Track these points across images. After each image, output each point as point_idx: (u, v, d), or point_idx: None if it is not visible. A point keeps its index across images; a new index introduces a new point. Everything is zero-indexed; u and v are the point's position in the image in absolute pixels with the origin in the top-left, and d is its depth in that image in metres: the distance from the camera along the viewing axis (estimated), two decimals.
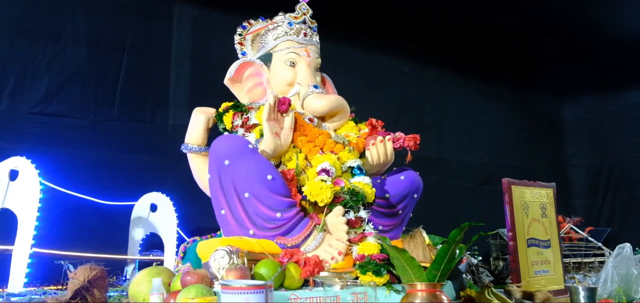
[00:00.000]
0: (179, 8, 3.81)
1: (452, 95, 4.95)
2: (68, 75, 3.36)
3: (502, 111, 5.28)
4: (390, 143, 2.16)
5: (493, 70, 5.08)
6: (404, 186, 2.17)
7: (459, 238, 1.69)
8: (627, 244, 2.52)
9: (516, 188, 2.46)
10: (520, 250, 2.38)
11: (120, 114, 3.50)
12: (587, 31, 4.66)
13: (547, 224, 2.56)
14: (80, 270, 1.87)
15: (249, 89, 2.31)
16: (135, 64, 3.56)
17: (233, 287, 1.41)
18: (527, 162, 5.38)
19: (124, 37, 3.56)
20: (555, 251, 2.56)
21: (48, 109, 3.29)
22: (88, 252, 3.04)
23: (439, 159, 4.85)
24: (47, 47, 3.31)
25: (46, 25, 3.32)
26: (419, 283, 1.72)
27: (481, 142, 5.10)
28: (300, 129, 2.13)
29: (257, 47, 2.37)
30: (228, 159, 1.85)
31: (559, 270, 2.55)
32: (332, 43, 4.34)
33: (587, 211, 5.53)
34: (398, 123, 4.63)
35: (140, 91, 3.59)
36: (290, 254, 1.80)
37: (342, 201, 1.94)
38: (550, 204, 2.61)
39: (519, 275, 2.35)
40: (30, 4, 3.29)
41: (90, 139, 3.40)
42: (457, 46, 4.78)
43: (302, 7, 2.33)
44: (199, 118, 2.26)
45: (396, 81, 4.67)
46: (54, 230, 3.07)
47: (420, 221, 4.49)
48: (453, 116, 4.95)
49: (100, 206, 3.28)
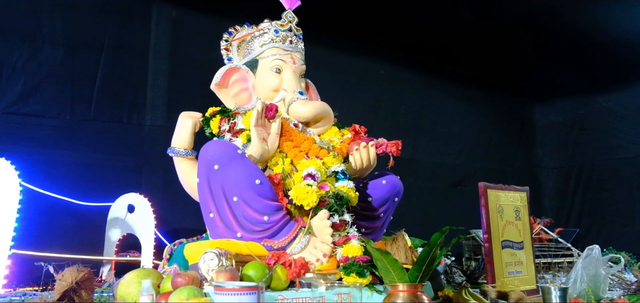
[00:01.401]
0: (157, 8, 3.79)
1: (427, 98, 5.05)
2: (44, 75, 3.31)
3: (475, 114, 5.40)
4: (373, 148, 2.22)
5: (467, 73, 5.20)
6: (386, 190, 2.24)
7: (441, 240, 1.76)
8: (595, 246, 2.64)
9: (492, 192, 2.54)
10: (495, 252, 2.46)
11: (97, 114, 3.46)
12: (560, 36, 4.78)
13: (521, 226, 2.65)
14: (67, 272, 1.87)
15: (235, 95, 2.34)
16: (112, 64, 3.53)
17: (226, 288, 1.44)
18: (499, 164, 5.52)
19: (101, 37, 3.52)
20: (528, 252, 2.66)
21: (24, 108, 3.24)
22: (64, 253, 3.03)
23: (413, 160, 4.94)
24: (24, 47, 3.26)
25: (23, 25, 3.27)
26: (401, 284, 1.78)
27: (454, 144, 5.21)
28: (286, 134, 2.17)
29: (243, 53, 2.40)
30: (217, 164, 1.88)
31: (532, 271, 2.65)
32: (308, 45, 4.42)
33: (557, 212, 5.71)
34: (374, 125, 4.73)
35: (117, 91, 3.56)
36: (277, 256, 1.84)
37: (327, 205, 1.99)
38: (524, 207, 2.70)
39: (493, 276, 2.43)
40: (6, 3, 3.24)
41: (66, 140, 3.36)
42: (432, 50, 4.88)
43: (289, 15, 2.38)
44: (186, 122, 2.28)
45: (372, 84, 4.74)
46: (30, 230, 3.04)
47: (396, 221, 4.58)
48: (428, 119, 5.04)
49: (77, 206, 3.25)
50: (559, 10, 4.38)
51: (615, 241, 4.88)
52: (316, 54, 4.41)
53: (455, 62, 5.07)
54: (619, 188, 5.24)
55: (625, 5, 4.34)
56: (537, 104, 5.94)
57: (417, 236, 3.89)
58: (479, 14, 4.47)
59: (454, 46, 4.89)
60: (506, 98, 5.62)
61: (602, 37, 4.65)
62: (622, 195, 5.22)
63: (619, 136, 5.27)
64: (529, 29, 4.73)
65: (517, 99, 5.76)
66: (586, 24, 4.56)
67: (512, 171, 5.57)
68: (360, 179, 2.31)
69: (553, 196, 5.85)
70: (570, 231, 4.99)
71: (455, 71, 5.14)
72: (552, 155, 5.90)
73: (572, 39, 4.78)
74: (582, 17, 4.46)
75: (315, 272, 1.88)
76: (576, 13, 4.39)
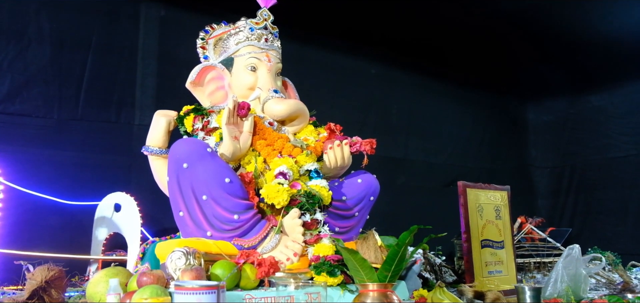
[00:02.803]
0: (145, 8, 3.80)
1: (419, 97, 5.04)
2: (31, 74, 3.32)
3: (467, 113, 5.40)
4: (347, 147, 2.22)
5: (459, 73, 5.20)
6: (361, 189, 2.23)
7: (409, 240, 1.76)
8: (576, 245, 2.63)
9: (471, 191, 2.54)
10: (474, 251, 2.46)
11: (85, 113, 3.47)
12: (553, 35, 4.77)
13: (501, 226, 2.65)
14: (38, 271, 1.89)
15: (210, 93, 2.35)
16: (100, 63, 3.54)
17: (185, 288, 1.45)
18: (492, 163, 5.51)
19: (89, 36, 3.53)
20: (509, 251, 2.66)
21: (10, 108, 3.25)
22: (51, 252, 3.05)
23: (405, 160, 4.94)
24: (10, 46, 3.27)
25: (9, 24, 3.28)
26: (371, 283, 1.78)
27: (446, 144, 5.21)
28: (260, 133, 2.17)
29: (219, 51, 2.41)
30: (186, 163, 1.88)
31: (512, 270, 2.64)
32: (299, 45, 4.42)
33: (549, 211, 5.70)
34: (365, 125, 4.74)
35: (105, 90, 3.57)
36: (246, 255, 1.84)
37: (298, 204, 1.99)
38: (505, 206, 2.70)
39: (472, 275, 2.43)
40: None
41: (53, 139, 3.37)
42: (424, 49, 4.87)
43: (264, 13, 2.38)
44: (160, 120, 2.29)
45: (364, 83, 4.74)
46: (16, 230, 3.07)
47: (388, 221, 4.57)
48: (419, 118, 5.04)
49: (64, 206, 3.27)
50: (550, 9, 4.36)
51: (608, 240, 4.88)
52: (306, 53, 4.45)
53: (447, 62, 5.06)
54: (612, 187, 5.23)
55: (617, 4, 4.32)
56: (529, 103, 5.93)
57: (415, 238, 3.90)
58: (470, 12, 4.47)
59: (446, 45, 4.88)
60: (498, 98, 5.62)
61: (594, 35, 4.63)
62: (615, 194, 5.20)
63: (611, 135, 5.25)
64: (521, 28, 4.72)
65: (508, 98, 5.75)
66: (578, 23, 4.55)
67: (505, 170, 5.56)
68: (336, 178, 2.31)
69: (546, 195, 5.84)
70: (563, 231, 4.98)
71: (447, 70, 5.13)
72: (545, 155, 5.89)
73: (563, 37, 4.77)
74: (574, 15, 4.44)
75: (286, 271, 1.88)
76: (567, 11, 4.38)
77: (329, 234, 1.99)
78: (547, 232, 4.67)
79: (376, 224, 4.16)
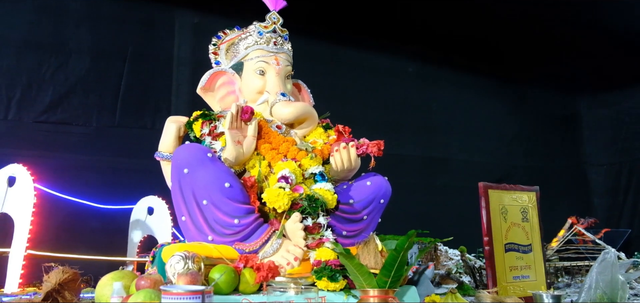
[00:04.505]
0: (179, 16, 3.91)
1: (459, 95, 4.91)
2: (72, 84, 3.51)
3: (512, 110, 5.20)
4: (353, 149, 2.17)
5: (502, 67, 5.01)
6: (369, 192, 2.18)
7: (408, 245, 1.70)
8: (611, 249, 2.46)
9: (493, 192, 2.43)
10: (496, 255, 2.35)
11: (122, 121, 3.62)
12: (607, 23, 4.51)
13: (529, 228, 2.52)
14: (53, 273, 1.98)
15: (221, 98, 2.37)
16: (136, 71, 3.69)
17: (171, 293, 1.47)
18: (541, 162, 5.26)
19: (125, 46, 3.68)
20: (538, 255, 2.52)
21: (52, 117, 3.45)
22: (91, 254, 3.20)
23: (446, 159, 4.82)
24: (52, 58, 3.47)
25: (51, 38, 3.48)
26: (372, 289, 1.74)
27: (490, 142, 5.03)
28: (265, 136, 2.17)
29: (230, 56, 2.43)
30: (187, 168, 1.91)
31: (541, 275, 2.51)
32: (332, 46, 4.40)
33: (606, 211, 5.38)
34: (402, 125, 4.65)
35: (141, 98, 3.71)
36: (245, 259, 1.84)
37: (300, 208, 1.97)
38: (533, 207, 2.56)
39: (494, 280, 2.33)
40: (37, 17, 3.46)
41: (93, 146, 3.54)
42: (464, 44, 4.73)
43: (273, 17, 2.38)
44: (170, 126, 2.34)
45: (400, 82, 4.66)
46: (57, 233, 3.24)
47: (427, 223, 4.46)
48: (460, 116, 4.89)
49: (103, 209, 3.42)
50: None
51: None
52: (339, 53, 4.43)
53: (490, 57, 4.89)
54: None
55: None
56: (582, 97, 5.62)
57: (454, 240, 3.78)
58: (516, 5, 4.29)
59: (488, 39, 4.71)
60: (546, 92, 5.36)
61: None
62: None
63: None
64: (571, 17, 4.48)
65: (558, 92, 5.47)
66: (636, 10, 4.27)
67: (556, 169, 5.31)
68: (345, 180, 2.27)
69: (602, 194, 5.51)
70: (621, 232, 4.67)
71: (489, 65, 4.96)
72: (601, 151, 5.57)
73: (619, 24, 4.48)
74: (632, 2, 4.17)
75: (286, 275, 1.87)
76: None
77: (332, 238, 1.96)
78: (600, 234, 4.40)
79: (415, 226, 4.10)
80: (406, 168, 4.63)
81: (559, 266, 3.88)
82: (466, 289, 2.59)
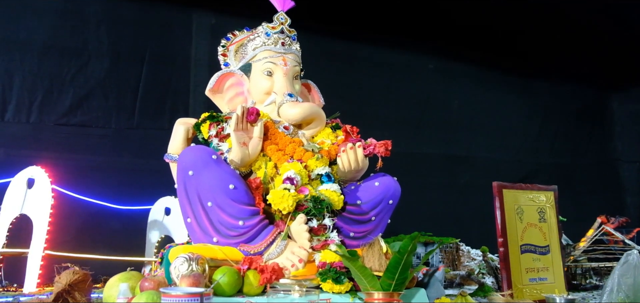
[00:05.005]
0: (197, 17, 3.93)
1: (482, 91, 4.80)
2: (91, 87, 3.56)
3: (537, 106, 5.06)
4: (360, 149, 2.14)
5: (526, 62, 4.88)
6: (377, 193, 2.14)
7: (411, 247, 1.66)
8: (634, 251, 2.36)
9: (508, 192, 2.36)
10: (511, 257, 2.28)
11: (140, 122, 3.66)
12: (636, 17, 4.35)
13: (546, 229, 2.44)
14: (63, 274, 2.00)
15: (229, 99, 2.37)
16: (154, 73, 3.72)
17: (169, 295, 1.47)
18: (568, 159, 5.11)
19: (143, 47, 3.72)
20: (556, 257, 2.44)
21: (73, 120, 3.51)
22: (111, 254, 3.25)
23: (468, 157, 4.73)
24: (72, 61, 3.52)
25: (71, 41, 3.54)
26: (376, 292, 1.71)
27: (514, 139, 4.91)
28: (272, 137, 2.16)
29: (239, 57, 2.43)
30: (192, 170, 1.91)
31: (560, 277, 2.42)
32: (349, 44, 4.36)
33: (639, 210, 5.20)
34: (422, 122, 4.58)
35: (159, 99, 3.75)
36: (249, 261, 1.83)
37: (305, 209, 1.95)
38: (551, 208, 2.48)
39: (509, 282, 2.26)
40: (58, 22, 3.52)
41: (112, 147, 3.59)
42: (486, 39, 4.62)
43: (280, 17, 2.36)
44: (179, 128, 2.36)
45: (420, 79, 4.59)
46: (77, 235, 3.30)
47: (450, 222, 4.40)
48: (483, 113, 4.79)
49: (123, 210, 3.47)
50: None
51: None
52: (357, 51, 4.39)
53: (513, 51, 4.76)
54: None
55: None
56: (613, 92, 5.43)
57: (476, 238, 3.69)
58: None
59: (513, 33, 4.60)
60: (574, 87, 5.19)
61: None
62: None
63: None
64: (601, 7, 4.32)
65: (586, 87, 5.30)
66: None
67: (585, 166, 5.15)
68: (354, 181, 2.24)
69: (635, 192, 5.31)
70: None
71: (513, 60, 4.84)
72: (633, 147, 5.36)
73: None
74: None
75: (291, 277, 1.85)
76: None
77: (337, 240, 1.93)
78: (632, 233, 4.24)
79: (436, 225, 4.03)
80: (427, 167, 4.56)
81: (586, 267, 3.76)
82: (487, 290, 2.53)
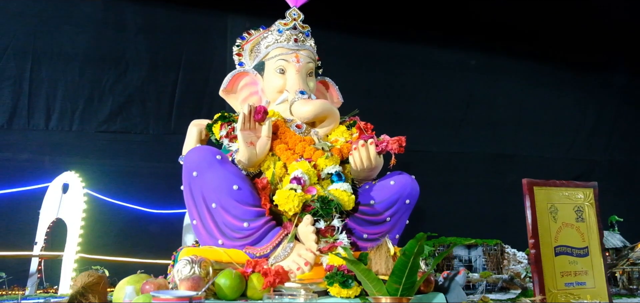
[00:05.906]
0: (232, 21, 3.96)
1: (529, 86, 4.55)
2: (129, 94, 3.66)
3: (590, 100, 4.73)
4: (372, 146, 2.03)
5: (577, 54, 4.57)
6: (392, 192, 2.04)
7: (417, 249, 1.56)
8: None
9: (540, 190, 2.20)
10: (544, 259, 2.12)
11: (177, 127, 3.71)
12: None
13: (585, 229, 2.25)
14: (79, 277, 2.04)
15: (244, 99, 2.35)
16: (190, 78, 3.77)
17: (159, 298, 1.45)
18: (627, 156, 4.76)
19: (179, 54, 3.78)
20: (596, 259, 2.24)
21: (113, 126, 3.61)
22: (150, 258, 3.32)
23: (516, 156, 4.50)
24: (111, 70, 3.63)
25: (110, 51, 3.65)
26: (384, 297, 1.63)
27: (565, 136, 4.62)
28: (282, 136, 2.11)
29: (253, 56, 2.40)
30: (196, 171, 1.89)
31: (601, 281, 2.22)
32: (391, 42, 4.25)
33: None
34: (465, 121, 4.40)
35: (195, 104, 3.79)
36: (253, 264, 1.79)
37: (312, 210, 1.88)
38: (590, 206, 2.28)
39: (542, 286, 2.10)
40: (98, 33, 3.64)
41: (150, 153, 3.66)
42: (531, 31, 4.38)
43: (293, 13, 2.32)
44: (192, 130, 2.36)
45: (462, 76, 4.41)
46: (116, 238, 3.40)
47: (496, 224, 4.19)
48: (530, 109, 4.54)
49: (161, 214, 3.54)
50: None
51: None
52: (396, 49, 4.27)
53: (562, 43, 4.48)
54: None
55: None
56: None
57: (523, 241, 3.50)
58: None
59: (562, 25, 4.33)
60: (632, 78, 4.81)
61: None
62: None
63: None
64: None
65: None
66: None
67: None
68: (368, 180, 2.14)
69: None
70: None
71: (561, 53, 4.55)
72: None
73: None
74: None
75: (297, 280, 1.79)
76: None
77: (346, 242, 1.85)
78: None
79: (480, 227, 3.86)
80: (471, 167, 4.37)
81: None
82: (529, 295, 2.38)
